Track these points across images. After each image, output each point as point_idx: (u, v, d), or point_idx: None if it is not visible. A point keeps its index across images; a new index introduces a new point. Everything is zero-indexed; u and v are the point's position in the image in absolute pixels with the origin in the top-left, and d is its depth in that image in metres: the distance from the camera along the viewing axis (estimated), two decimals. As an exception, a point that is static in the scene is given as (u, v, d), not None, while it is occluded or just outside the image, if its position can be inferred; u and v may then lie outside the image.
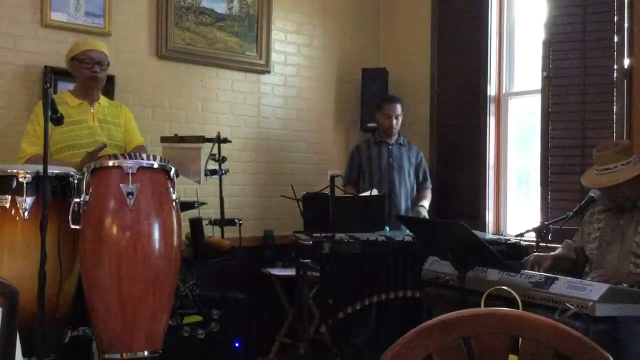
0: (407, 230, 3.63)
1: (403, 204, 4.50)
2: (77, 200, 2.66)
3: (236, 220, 3.72)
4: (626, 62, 3.79)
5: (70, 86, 3.57)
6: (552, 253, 3.08)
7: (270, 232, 4.72)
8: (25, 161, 3.20)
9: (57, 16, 3.89)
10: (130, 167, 2.65)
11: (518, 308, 2.32)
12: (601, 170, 2.87)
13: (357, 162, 4.60)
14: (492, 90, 4.62)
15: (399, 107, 4.53)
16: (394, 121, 4.50)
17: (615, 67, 3.83)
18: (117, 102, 3.74)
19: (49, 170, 2.55)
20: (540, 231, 3.13)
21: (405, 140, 4.63)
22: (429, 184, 4.64)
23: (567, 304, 2.34)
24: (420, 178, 4.62)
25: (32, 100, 3.70)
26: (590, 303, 2.28)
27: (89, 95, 3.44)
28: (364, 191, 4.43)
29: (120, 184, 2.63)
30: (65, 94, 3.44)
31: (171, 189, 2.77)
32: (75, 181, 2.79)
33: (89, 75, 3.39)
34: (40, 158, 3.09)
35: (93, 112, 3.43)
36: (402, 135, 4.63)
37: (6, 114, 3.72)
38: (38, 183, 2.66)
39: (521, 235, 3.24)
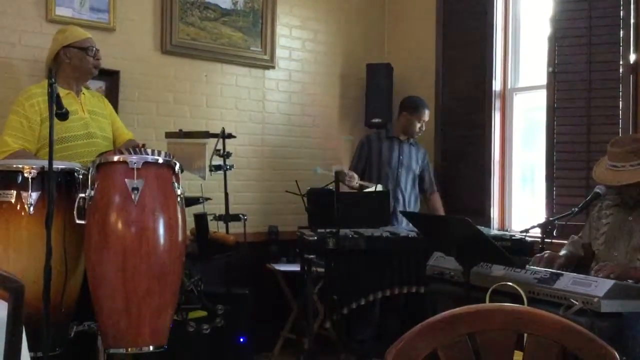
0: (411, 226, 3.63)
1: (407, 201, 4.51)
2: (82, 195, 2.66)
3: (241, 216, 3.72)
4: (632, 57, 3.77)
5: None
6: (562, 252, 3.07)
7: (275, 228, 4.72)
8: (7, 156, 3.04)
9: (61, 11, 3.89)
10: (135, 163, 2.65)
11: (523, 304, 2.32)
12: (610, 166, 2.86)
13: (366, 152, 4.58)
14: (497, 85, 4.60)
15: (428, 113, 4.56)
16: (422, 126, 4.54)
17: (621, 62, 3.81)
18: (96, 93, 3.63)
19: (54, 166, 2.55)
20: (545, 227, 3.12)
21: (414, 140, 4.63)
22: (435, 187, 4.65)
23: (572, 300, 2.34)
24: (427, 182, 4.62)
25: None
26: (596, 299, 2.28)
27: (77, 85, 3.34)
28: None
29: (126, 179, 2.63)
30: None
31: (176, 184, 2.77)
32: (81, 176, 2.79)
33: (94, 64, 3.33)
34: (25, 153, 3.05)
35: (81, 102, 3.33)
36: None
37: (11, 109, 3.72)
38: (43, 178, 2.66)
39: (526, 231, 3.23)
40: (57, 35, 3.36)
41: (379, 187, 4.32)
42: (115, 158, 2.69)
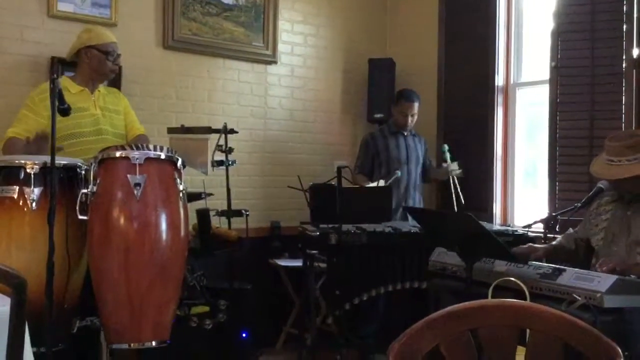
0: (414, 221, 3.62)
1: (417, 196, 4.52)
2: (84, 191, 2.66)
3: (243, 211, 3.72)
4: (635, 52, 3.76)
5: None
6: (552, 243, 3.07)
7: (277, 223, 4.73)
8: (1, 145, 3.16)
9: (63, 6, 3.89)
10: (137, 158, 2.64)
11: (525, 299, 2.32)
12: (607, 160, 2.85)
13: (373, 151, 4.56)
14: (499, 80, 4.59)
15: (416, 105, 4.50)
16: (409, 119, 4.50)
17: (624, 57, 3.80)
18: (113, 89, 3.67)
19: (56, 161, 2.55)
20: (547, 222, 3.12)
21: (414, 130, 4.63)
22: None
23: (575, 295, 2.33)
24: (429, 165, 4.70)
25: (39, 91, 3.70)
26: (598, 294, 2.27)
27: (93, 84, 3.39)
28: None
29: (128, 175, 2.63)
30: (65, 80, 3.33)
31: (178, 179, 2.77)
32: (83, 172, 2.80)
33: (112, 68, 3.39)
34: (16, 141, 3.11)
35: (94, 99, 3.37)
36: None
37: (13, 105, 3.72)
38: (45, 174, 2.66)
39: (529, 226, 3.23)
40: (82, 34, 3.40)
41: (381, 183, 4.31)
42: (118, 153, 2.69)
